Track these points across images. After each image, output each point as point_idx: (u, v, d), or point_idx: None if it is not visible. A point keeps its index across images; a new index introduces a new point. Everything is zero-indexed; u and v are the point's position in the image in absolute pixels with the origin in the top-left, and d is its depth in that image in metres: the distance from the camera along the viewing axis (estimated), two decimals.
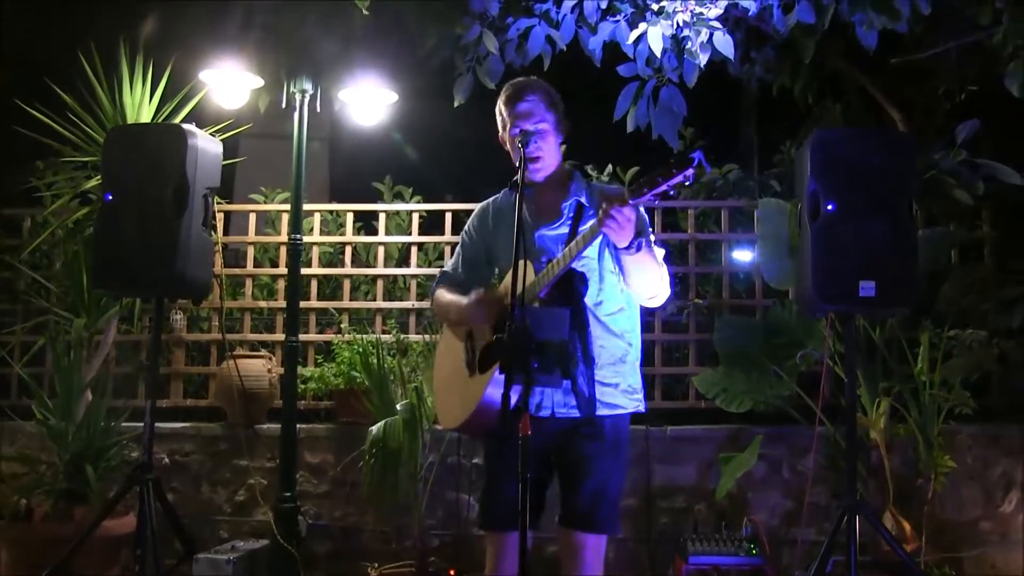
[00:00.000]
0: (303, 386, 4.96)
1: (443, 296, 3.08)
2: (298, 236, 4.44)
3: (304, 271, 5.10)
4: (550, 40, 4.32)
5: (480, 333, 2.92)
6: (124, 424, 4.60)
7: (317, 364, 5.17)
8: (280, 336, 5.05)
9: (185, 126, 3.69)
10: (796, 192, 3.53)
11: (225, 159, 3.88)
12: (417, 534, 4.49)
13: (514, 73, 4.19)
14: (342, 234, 5.53)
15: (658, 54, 3.99)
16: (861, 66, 5.26)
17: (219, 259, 4.74)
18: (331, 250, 5.67)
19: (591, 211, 2.86)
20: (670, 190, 2.41)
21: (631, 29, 4.09)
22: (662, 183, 2.38)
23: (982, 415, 4.50)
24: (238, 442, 4.88)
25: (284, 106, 4.48)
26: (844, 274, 3.21)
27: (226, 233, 5.62)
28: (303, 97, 4.43)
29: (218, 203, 4.01)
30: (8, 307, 5.19)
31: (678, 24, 3.93)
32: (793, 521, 4.60)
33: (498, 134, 3.03)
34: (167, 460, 4.90)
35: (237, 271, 5.44)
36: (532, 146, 2.84)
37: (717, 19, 3.94)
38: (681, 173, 2.36)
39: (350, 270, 5.45)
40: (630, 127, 4.37)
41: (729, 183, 5.75)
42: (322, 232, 5.56)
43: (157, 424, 3.90)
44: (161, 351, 4.10)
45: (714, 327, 4.82)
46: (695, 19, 3.91)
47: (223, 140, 3.99)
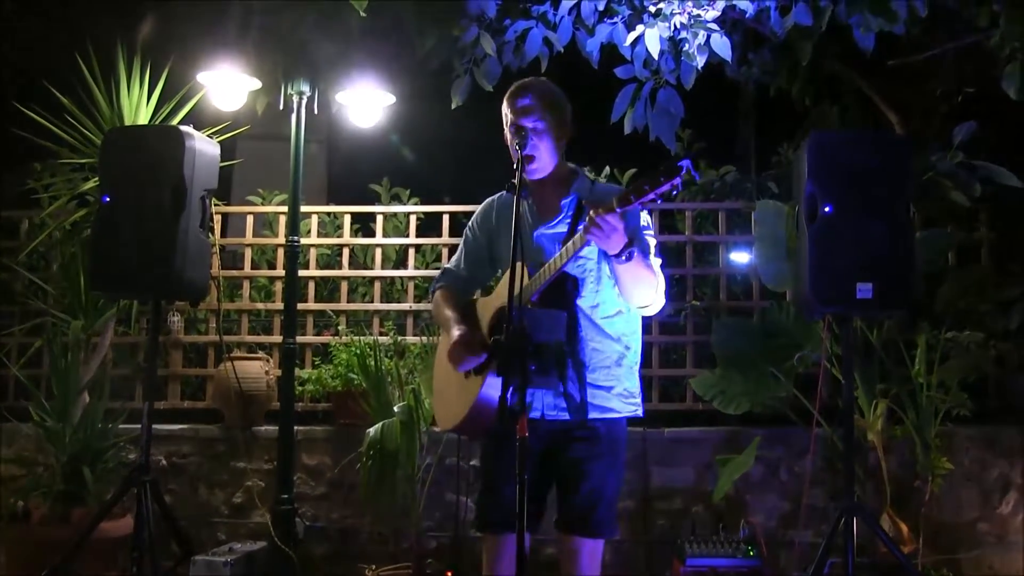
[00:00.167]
0: (300, 388, 4.96)
1: (440, 309, 3.06)
2: (296, 238, 4.44)
3: (302, 273, 5.11)
4: (547, 42, 4.32)
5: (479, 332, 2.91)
6: (121, 426, 4.60)
7: (315, 366, 5.17)
8: (278, 338, 5.05)
9: (183, 128, 3.69)
10: (794, 194, 3.53)
11: (223, 161, 3.89)
12: (414, 536, 4.49)
13: (512, 75, 4.20)
14: (340, 236, 5.53)
15: (655, 56, 3.99)
16: (858, 68, 5.25)
17: (216, 261, 4.75)
18: (328, 252, 5.68)
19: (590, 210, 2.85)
20: (658, 199, 2.39)
21: (628, 31, 4.08)
22: (649, 192, 2.37)
23: (979, 417, 4.51)
24: (235, 444, 4.89)
25: (282, 108, 4.48)
26: (841, 276, 3.22)
27: (224, 235, 5.62)
28: (301, 99, 4.43)
29: (216, 205, 4.01)
30: (5, 309, 5.20)
31: (675, 26, 3.93)
32: (790, 523, 4.60)
33: (503, 135, 3.01)
34: (165, 462, 4.90)
35: (235, 273, 5.45)
36: (528, 144, 2.82)
37: (714, 21, 3.93)
38: (669, 182, 2.34)
39: (347, 272, 5.45)
40: (627, 129, 4.36)
41: (727, 185, 5.76)
42: (320, 234, 5.57)
43: (154, 426, 3.89)
44: (158, 353, 4.10)
45: (711, 329, 4.82)
46: (692, 21, 3.91)
47: (221, 142, 4.00)
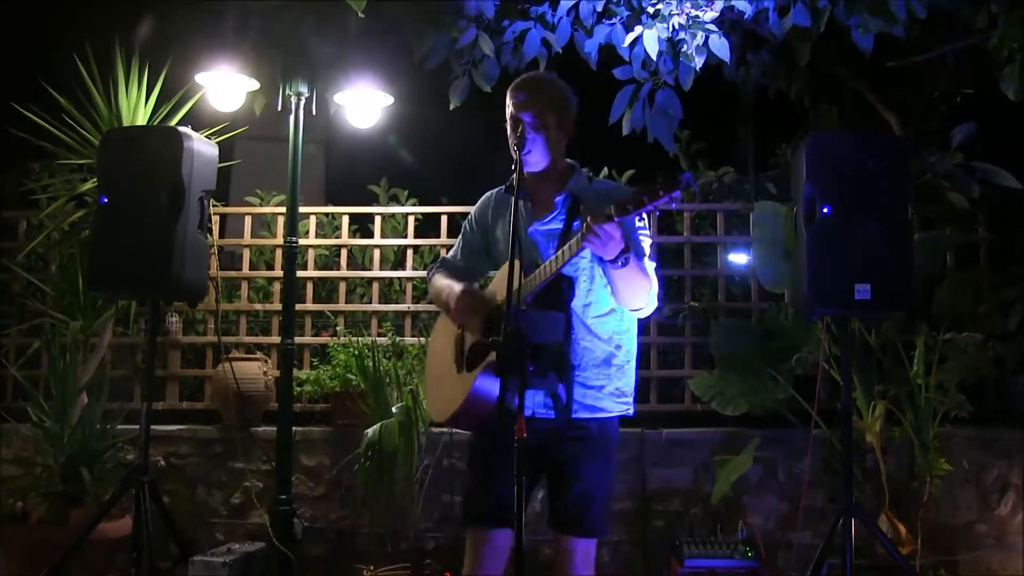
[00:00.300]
0: (299, 389, 4.96)
1: (439, 279, 3.05)
2: (294, 239, 4.44)
3: (300, 274, 5.11)
4: (546, 43, 4.32)
5: (471, 331, 2.91)
6: (120, 426, 4.60)
7: (313, 367, 5.17)
8: (276, 339, 5.05)
9: (181, 129, 3.69)
10: (792, 195, 3.54)
11: (221, 162, 3.90)
12: (413, 536, 4.49)
13: (510, 76, 4.20)
14: (338, 237, 5.52)
15: (654, 57, 3.99)
16: (857, 69, 5.26)
17: (215, 261, 4.74)
18: (327, 253, 5.67)
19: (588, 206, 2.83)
20: (656, 210, 2.40)
21: (627, 32, 4.09)
22: (648, 203, 2.37)
23: (977, 418, 4.50)
24: (234, 445, 4.88)
25: (280, 109, 4.47)
26: (840, 277, 3.22)
27: (222, 235, 5.61)
28: (299, 100, 4.43)
29: (214, 206, 4.00)
30: (4, 310, 5.19)
31: (674, 27, 3.93)
32: (789, 524, 4.60)
33: (503, 132, 2.99)
34: (163, 462, 4.90)
35: (233, 274, 5.44)
36: (525, 138, 2.78)
37: (713, 22, 3.94)
38: (668, 195, 2.34)
39: (346, 273, 5.45)
40: (626, 130, 4.36)
41: (725, 186, 5.76)
42: (318, 235, 5.57)
43: (153, 426, 3.90)
44: (157, 354, 4.09)
45: (710, 330, 4.83)
46: (691, 22, 3.92)
47: (219, 143, 4.01)
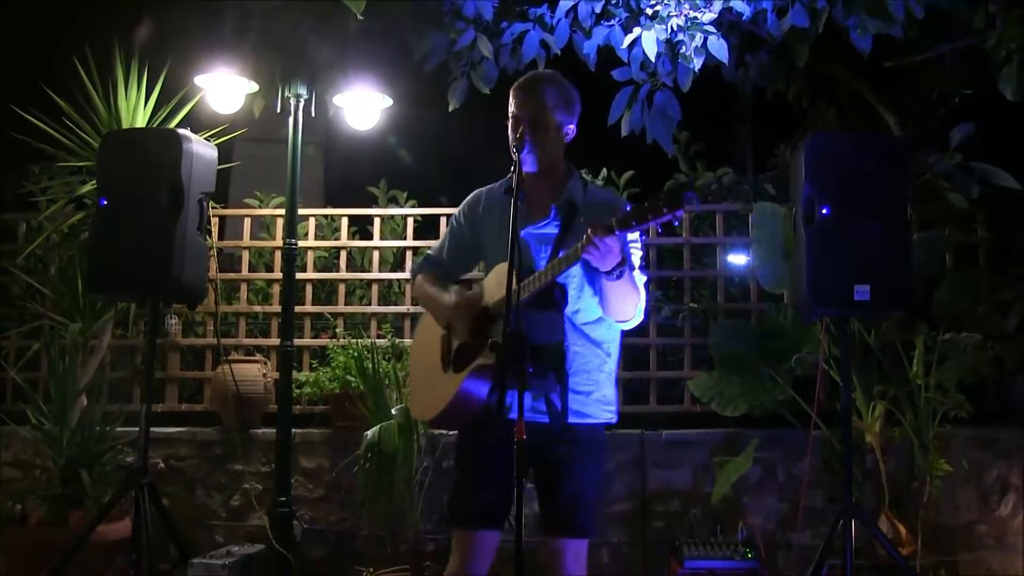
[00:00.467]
0: (298, 391, 4.95)
1: (425, 288, 3.03)
2: (293, 240, 4.44)
3: (299, 275, 5.11)
4: (544, 45, 4.33)
5: (458, 331, 2.89)
6: (119, 429, 4.59)
7: (312, 368, 5.16)
8: (275, 340, 5.04)
9: (180, 131, 3.69)
10: (791, 196, 3.53)
11: (220, 163, 3.89)
12: (412, 538, 4.49)
13: (509, 77, 4.20)
14: (337, 238, 5.52)
15: (652, 58, 3.99)
16: (855, 70, 5.27)
17: (214, 263, 4.73)
18: (326, 254, 5.68)
19: (584, 214, 2.82)
20: (659, 227, 2.41)
21: (625, 33, 4.10)
22: (652, 220, 2.38)
23: (977, 419, 4.50)
24: (233, 447, 4.88)
25: (279, 111, 4.48)
26: (839, 278, 3.22)
27: (221, 237, 5.62)
28: (298, 102, 4.43)
29: (213, 207, 4.00)
30: (3, 312, 5.19)
31: (672, 28, 3.94)
32: (788, 525, 4.60)
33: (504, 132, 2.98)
34: (162, 465, 4.89)
35: (232, 275, 5.44)
36: (524, 138, 2.77)
37: (711, 23, 3.95)
38: (671, 213, 2.36)
39: (345, 274, 5.45)
40: (624, 131, 4.37)
41: (724, 187, 5.76)
42: (317, 236, 5.57)
43: (152, 429, 3.89)
44: (156, 355, 4.08)
45: (709, 331, 4.83)
46: (689, 23, 3.92)
47: (218, 145, 4.00)
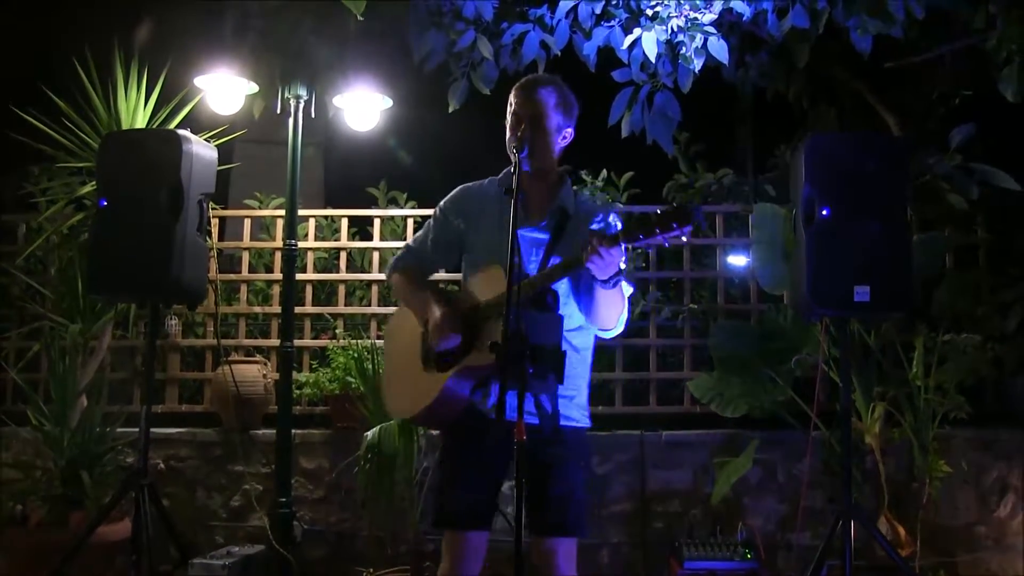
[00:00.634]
0: (298, 391, 4.95)
1: (409, 287, 3.01)
2: (293, 241, 4.44)
3: (299, 276, 5.11)
4: (544, 45, 4.33)
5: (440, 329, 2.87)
6: (119, 429, 4.59)
7: (312, 369, 5.16)
8: (275, 341, 5.04)
9: (180, 132, 3.69)
10: (791, 197, 3.54)
11: (220, 164, 3.89)
12: (412, 539, 4.48)
13: (509, 78, 4.20)
14: (337, 239, 5.52)
15: (652, 59, 4.00)
16: (855, 70, 5.27)
17: (214, 264, 4.74)
18: (326, 255, 5.68)
19: (575, 222, 2.83)
20: (665, 242, 2.39)
21: (625, 34, 4.10)
22: (659, 234, 2.36)
23: (977, 420, 4.50)
24: (233, 447, 4.88)
25: (279, 112, 4.48)
26: (839, 279, 3.22)
27: (221, 238, 5.62)
28: (298, 102, 4.43)
29: (213, 208, 4.00)
30: (3, 313, 5.19)
31: (672, 29, 3.94)
32: (788, 526, 4.60)
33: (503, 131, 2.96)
34: (163, 465, 4.89)
35: (232, 276, 5.44)
36: (524, 140, 2.77)
37: (711, 24, 3.95)
38: (680, 229, 2.34)
39: (345, 275, 5.45)
40: (625, 132, 4.37)
41: (724, 188, 5.77)
42: (317, 237, 5.56)
43: (152, 429, 3.90)
44: (156, 356, 4.08)
45: (709, 332, 4.83)
46: (689, 24, 3.93)
47: (218, 146, 4.00)
